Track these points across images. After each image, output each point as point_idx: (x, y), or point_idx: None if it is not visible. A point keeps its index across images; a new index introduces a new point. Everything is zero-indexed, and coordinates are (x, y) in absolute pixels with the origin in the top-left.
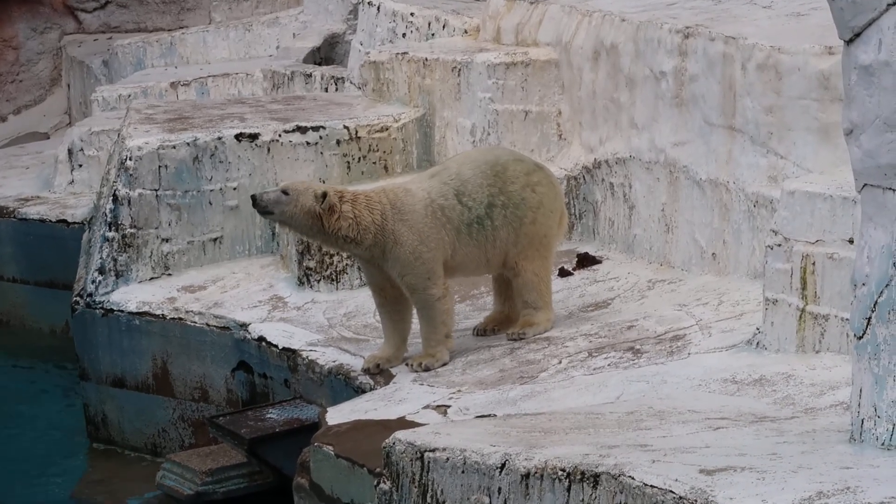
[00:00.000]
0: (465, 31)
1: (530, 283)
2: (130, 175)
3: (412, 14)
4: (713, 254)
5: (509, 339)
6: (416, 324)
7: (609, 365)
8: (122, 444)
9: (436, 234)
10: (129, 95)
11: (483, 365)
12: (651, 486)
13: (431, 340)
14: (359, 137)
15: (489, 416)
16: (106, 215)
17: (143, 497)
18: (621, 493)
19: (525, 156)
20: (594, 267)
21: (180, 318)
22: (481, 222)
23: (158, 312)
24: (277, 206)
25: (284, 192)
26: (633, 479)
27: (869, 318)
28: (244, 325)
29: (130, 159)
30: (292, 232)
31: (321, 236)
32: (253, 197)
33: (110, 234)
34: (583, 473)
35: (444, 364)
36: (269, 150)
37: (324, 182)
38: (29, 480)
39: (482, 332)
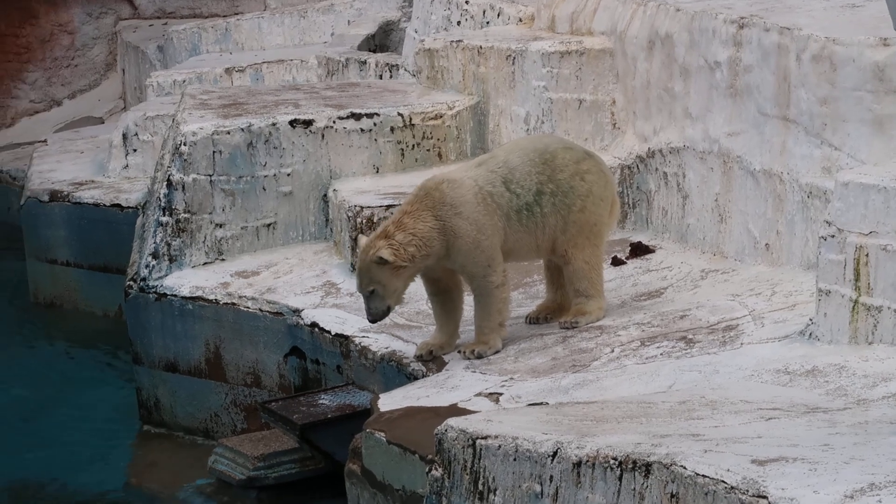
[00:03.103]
0: (520, 20)
1: (581, 271)
2: (185, 160)
3: (467, 2)
4: (766, 244)
5: (562, 327)
6: (468, 311)
7: (661, 354)
8: (174, 428)
9: (490, 221)
10: (184, 81)
11: (535, 353)
12: (703, 475)
13: (485, 328)
14: (413, 125)
15: (541, 404)
16: (160, 200)
17: (195, 482)
18: (673, 482)
19: (575, 144)
20: (647, 256)
21: (233, 304)
22: (530, 209)
23: (211, 297)
24: (384, 301)
25: (369, 293)
26: (684, 468)
27: None
28: (297, 311)
29: (185, 144)
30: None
31: (415, 271)
32: (373, 322)
33: (164, 219)
34: (634, 462)
35: (497, 352)
36: (323, 136)
37: (377, 170)
38: (82, 464)
39: (535, 320)
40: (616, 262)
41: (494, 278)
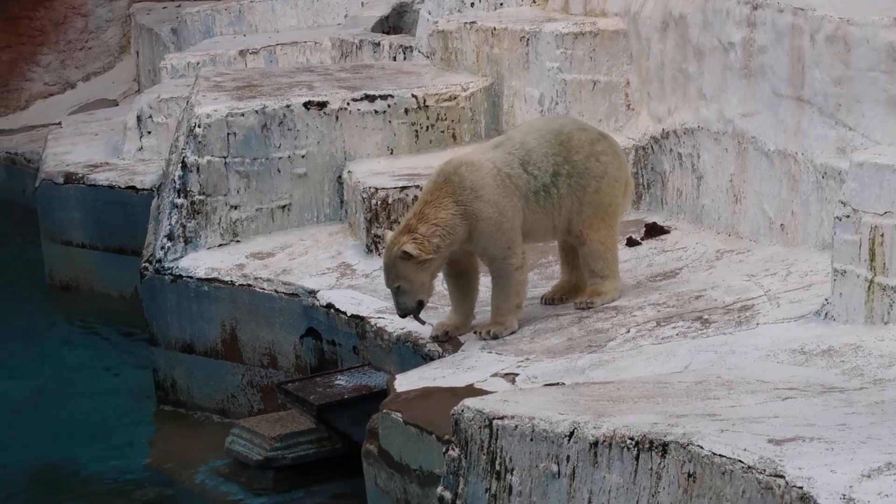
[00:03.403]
0: (534, 1)
1: (597, 251)
2: (199, 142)
3: None
4: (781, 224)
5: (577, 308)
6: (483, 292)
7: (677, 334)
8: (191, 409)
9: (510, 203)
10: (198, 63)
11: (551, 333)
12: (719, 455)
13: (502, 309)
14: (427, 106)
15: (557, 384)
16: (175, 182)
17: (212, 463)
18: (690, 462)
19: (589, 125)
20: (662, 237)
21: (249, 285)
22: (547, 190)
23: (227, 279)
24: (412, 296)
25: (395, 289)
26: (701, 448)
27: None
28: (313, 292)
29: (199, 126)
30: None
31: (441, 262)
32: (403, 317)
33: (179, 201)
34: (651, 442)
35: (513, 332)
36: (337, 118)
37: (391, 151)
38: (99, 445)
39: (550, 300)
40: (631, 242)
41: (514, 260)
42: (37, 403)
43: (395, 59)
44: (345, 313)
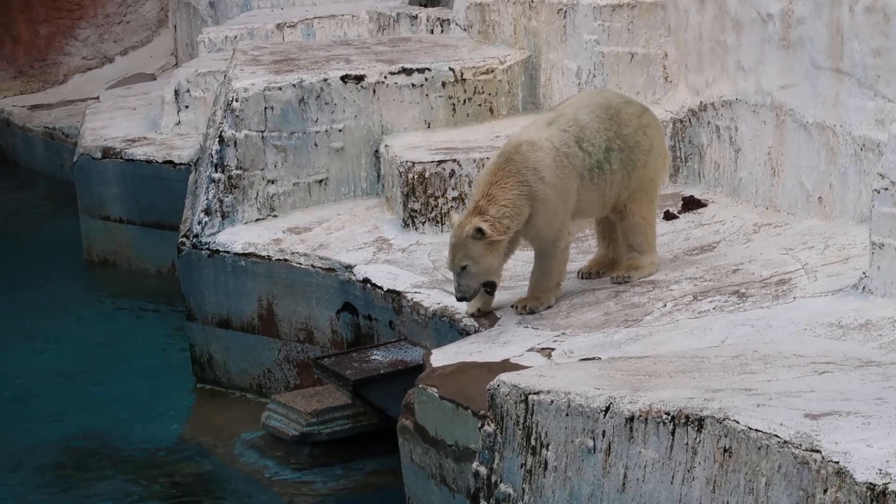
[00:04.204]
0: None
1: (637, 226)
2: (237, 116)
3: None
4: (819, 197)
5: (613, 282)
6: (522, 266)
7: (714, 308)
8: (227, 384)
9: (568, 185)
10: (236, 37)
11: (587, 308)
12: (756, 430)
13: (542, 286)
14: (464, 79)
15: (593, 359)
16: (212, 156)
17: (248, 438)
18: (726, 437)
19: (632, 98)
20: (699, 210)
21: (286, 260)
22: (601, 167)
23: (264, 254)
24: (476, 279)
25: (461, 268)
26: (737, 422)
27: None
28: (349, 267)
29: (237, 101)
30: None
31: (506, 244)
32: (460, 300)
33: (216, 176)
34: (687, 417)
35: (549, 307)
36: (374, 91)
37: (428, 125)
38: (136, 420)
39: (587, 275)
40: (668, 216)
41: (562, 242)
42: (74, 378)
43: (432, 32)
44: (381, 288)
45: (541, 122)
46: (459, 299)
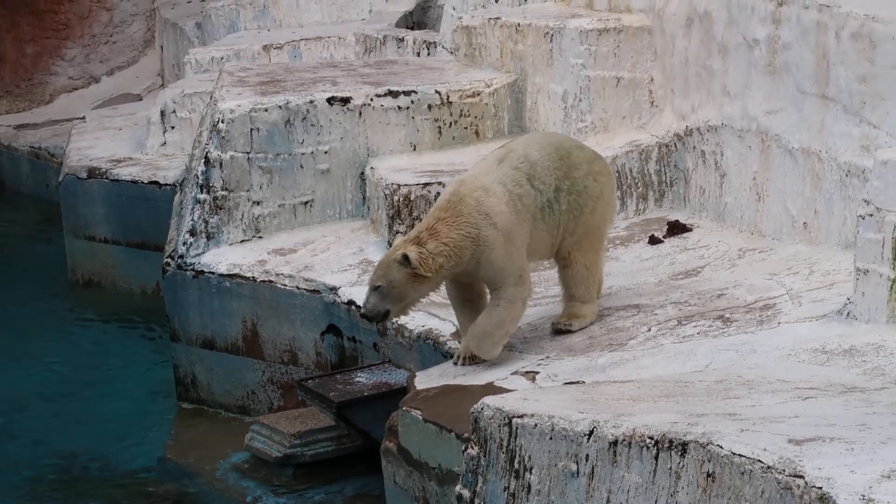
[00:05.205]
0: None
1: (580, 276)
2: (222, 137)
3: None
4: (804, 223)
5: (554, 328)
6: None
7: (698, 333)
8: (211, 405)
9: (520, 230)
10: (222, 58)
11: (571, 332)
12: (739, 455)
13: (489, 335)
14: (450, 102)
15: (577, 382)
16: (198, 177)
17: (231, 459)
18: (709, 461)
19: (584, 144)
20: (684, 235)
21: (270, 281)
22: (551, 206)
23: (249, 275)
24: (384, 303)
25: (374, 287)
26: (721, 447)
27: None
28: (334, 289)
29: (223, 122)
30: (419, 300)
31: (437, 283)
32: (363, 316)
33: (202, 197)
34: (671, 441)
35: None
36: (360, 113)
37: (414, 147)
38: (119, 440)
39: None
40: (653, 240)
41: (523, 290)
42: (57, 398)
43: (418, 54)
44: None
45: (492, 160)
46: (362, 316)
